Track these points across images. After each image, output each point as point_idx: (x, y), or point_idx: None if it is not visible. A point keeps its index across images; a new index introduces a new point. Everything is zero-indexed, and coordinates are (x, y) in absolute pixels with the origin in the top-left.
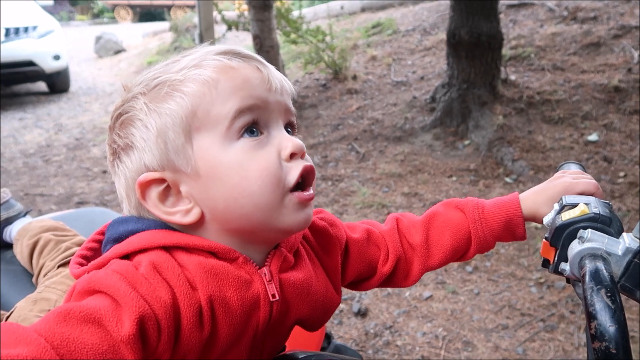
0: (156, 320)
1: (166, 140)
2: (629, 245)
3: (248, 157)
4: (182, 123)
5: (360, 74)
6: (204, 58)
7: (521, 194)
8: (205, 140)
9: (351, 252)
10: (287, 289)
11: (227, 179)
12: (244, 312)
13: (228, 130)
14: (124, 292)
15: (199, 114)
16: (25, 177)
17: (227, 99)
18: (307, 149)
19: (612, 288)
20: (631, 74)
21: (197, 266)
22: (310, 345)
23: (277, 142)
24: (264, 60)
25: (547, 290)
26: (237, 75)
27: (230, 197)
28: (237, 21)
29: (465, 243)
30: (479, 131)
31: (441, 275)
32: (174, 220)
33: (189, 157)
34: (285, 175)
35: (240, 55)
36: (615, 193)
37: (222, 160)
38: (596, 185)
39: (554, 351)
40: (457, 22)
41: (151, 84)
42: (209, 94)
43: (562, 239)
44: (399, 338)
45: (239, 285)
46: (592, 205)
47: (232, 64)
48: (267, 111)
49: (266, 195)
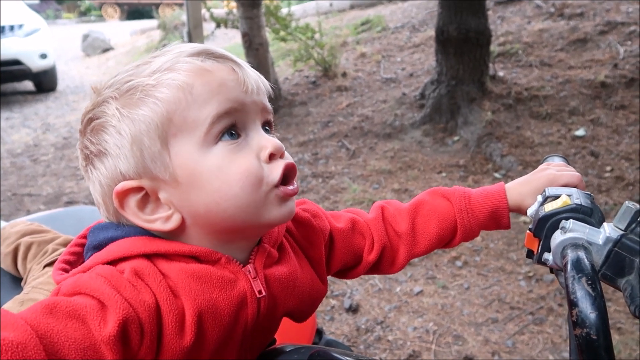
0: (139, 323)
1: (141, 148)
2: (610, 234)
3: (227, 161)
4: (157, 129)
5: (349, 71)
6: (176, 60)
7: (506, 185)
8: (182, 146)
9: (336, 242)
10: (273, 284)
11: (208, 184)
12: (232, 312)
13: (206, 136)
14: (108, 294)
15: (175, 120)
16: (13, 177)
17: (204, 104)
18: (298, 147)
19: (592, 276)
20: (617, 69)
21: (178, 273)
22: (301, 339)
23: (256, 144)
24: (237, 59)
25: (536, 284)
26: (212, 79)
27: (211, 202)
28: (226, 19)
29: (450, 231)
30: (468, 127)
31: (431, 271)
32: (154, 227)
33: (166, 164)
34: (268, 175)
35: (214, 56)
36: (602, 187)
37: (201, 166)
38: (579, 178)
39: (542, 343)
40: (445, 19)
41: (123, 88)
42: (184, 100)
43: (545, 229)
44: (390, 333)
45: (223, 285)
46: (574, 197)
47: (206, 67)
48: (244, 113)
49: (248, 195)
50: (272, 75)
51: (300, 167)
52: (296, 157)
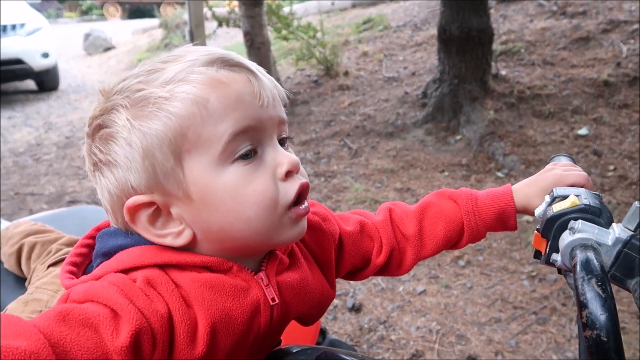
0: (152, 334)
1: (153, 162)
2: (619, 235)
3: (243, 182)
4: (170, 145)
5: (351, 70)
6: (190, 70)
7: (513, 186)
8: (197, 163)
9: (345, 245)
10: (285, 290)
11: (222, 205)
12: (246, 320)
13: (222, 154)
14: (121, 304)
15: (189, 136)
16: (15, 176)
17: (220, 121)
18: (300, 146)
19: (602, 277)
20: (620, 68)
21: (191, 282)
22: (306, 339)
23: (272, 161)
24: (253, 66)
25: (539, 284)
26: (228, 93)
27: (225, 222)
28: (228, 18)
29: (457, 233)
30: (470, 126)
31: (434, 270)
32: (165, 243)
33: (179, 181)
34: (282, 196)
35: (229, 64)
36: (605, 186)
37: (215, 185)
38: (586, 177)
39: (546, 343)
40: (447, 18)
41: (134, 97)
42: (199, 115)
43: (553, 230)
44: (393, 332)
45: (236, 294)
46: (583, 197)
47: (221, 78)
48: (261, 130)
49: (262, 219)
50: (274, 74)
51: (302, 166)
52: (298, 156)
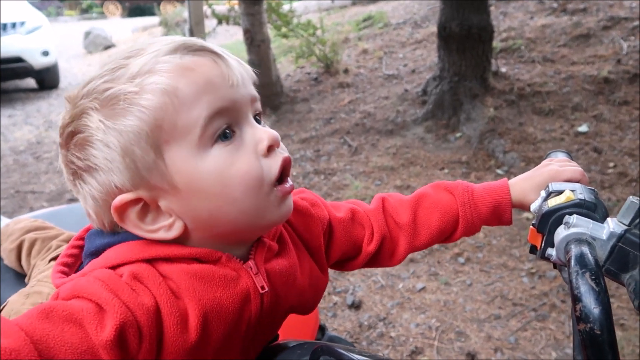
0: (138, 327)
1: (134, 159)
2: (613, 229)
3: (226, 164)
4: (148, 138)
5: (351, 68)
6: (155, 61)
7: (509, 181)
8: (177, 153)
9: (335, 232)
10: (275, 278)
11: (208, 189)
12: (236, 309)
13: (200, 139)
14: (105, 298)
15: (165, 126)
16: (15, 174)
17: (193, 107)
18: (300, 143)
19: (596, 271)
20: (620, 65)
21: (180, 274)
22: (305, 336)
23: (251, 138)
24: (217, 48)
25: (539, 280)
26: (197, 78)
27: (213, 207)
28: (228, 15)
29: (452, 225)
30: (470, 123)
31: (434, 267)
32: (157, 237)
33: (163, 173)
34: (267, 172)
35: (192, 49)
36: (605, 183)
37: (199, 171)
38: (582, 173)
39: (545, 340)
40: (447, 15)
41: (103, 98)
42: (172, 104)
43: (548, 224)
44: (392, 329)
45: (226, 283)
46: (578, 192)
47: (188, 64)
48: (235, 109)
49: (250, 199)
50: (274, 72)
51: (302, 163)
52: (298, 153)
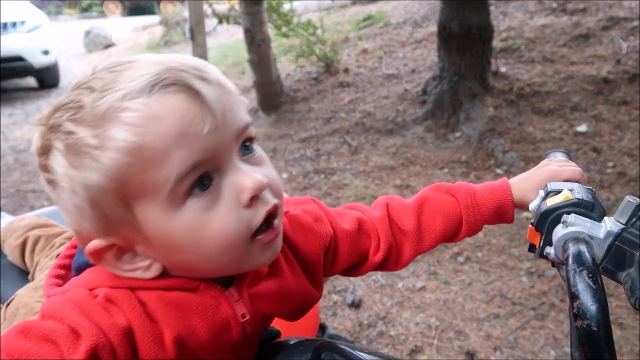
0: (111, 348)
1: (104, 211)
2: (611, 228)
3: (200, 223)
4: (115, 194)
5: (351, 67)
6: (120, 107)
7: (509, 180)
8: (147, 209)
9: (341, 245)
10: (260, 301)
11: (182, 247)
12: (213, 336)
13: (170, 198)
14: (77, 321)
15: (132, 184)
16: (16, 173)
17: (161, 165)
18: (299, 143)
19: (593, 269)
20: (620, 65)
21: (156, 301)
22: (305, 334)
23: (232, 187)
24: (197, 78)
25: (538, 280)
26: (166, 130)
27: (189, 261)
28: (228, 15)
29: (455, 227)
30: (470, 123)
31: (433, 266)
32: (135, 276)
33: (134, 226)
34: (247, 226)
35: (165, 84)
36: (604, 183)
37: (171, 229)
38: (581, 173)
39: (544, 339)
40: (447, 15)
41: (67, 142)
42: (137, 163)
43: (547, 223)
44: (392, 328)
45: (203, 311)
46: (576, 191)
47: (156, 111)
48: (213, 157)
49: (227, 255)
50: (274, 71)
51: (302, 163)
52: (298, 153)
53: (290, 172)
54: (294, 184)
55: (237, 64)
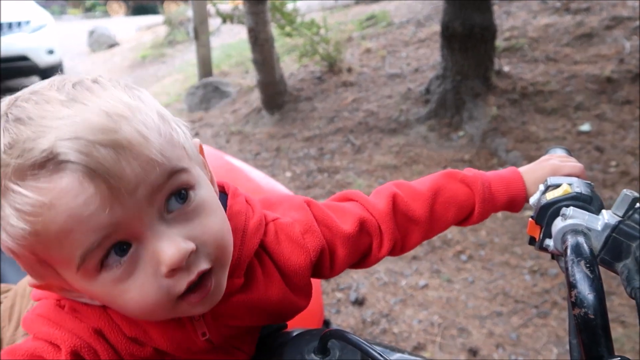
0: (90, 347)
1: (29, 265)
2: (608, 221)
3: (117, 292)
4: (32, 259)
5: (355, 67)
6: (9, 185)
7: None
8: (67, 274)
9: (340, 248)
10: (224, 318)
11: (108, 303)
12: (176, 348)
13: (82, 272)
14: (52, 334)
15: (43, 257)
16: None
17: (61, 246)
18: (303, 142)
19: (591, 260)
20: (623, 64)
21: (117, 315)
22: (311, 325)
23: (151, 255)
24: (101, 142)
25: (540, 278)
26: (58, 218)
27: (121, 310)
28: (232, 14)
29: (465, 216)
30: (473, 122)
31: (436, 265)
32: (84, 301)
33: (62, 280)
34: (166, 293)
35: (60, 160)
36: (607, 182)
37: (93, 292)
38: (580, 168)
39: (547, 336)
40: (450, 14)
41: None
42: (37, 244)
43: (546, 217)
44: (395, 326)
45: (164, 329)
46: (575, 185)
47: (43, 200)
48: (123, 227)
49: (151, 313)
50: (278, 71)
51: (305, 162)
52: (302, 152)
53: (294, 171)
54: (297, 182)
55: (241, 64)
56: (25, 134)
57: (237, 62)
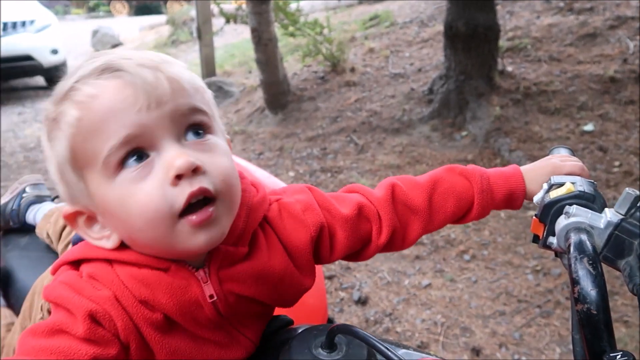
0: (106, 312)
1: (66, 179)
2: (611, 219)
3: (128, 193)
4: (69, 162)
5: (358, 66)
6: (71, 86)
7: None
8: (93, 178)
9: (338, 231)
10: (230, 283)
11: (117, 216)
12: (184, 313)
13: (104, 168)
14: (69, 298)
15: (78, 153)
16: (26, 170)
17: (96, 136)
18: (306, 142)
19: (594, 257)
20: (627, 64)
21: (129, 277)
22: (315, 322)
23: (163, 163)
24: (138, 66)
25: (543, 278)
26: (101, 107)
27: (125, 232)
28: (235, 14)
29: (465, 209)
30: (476, 122)
31: (439, 264)
32: (100, 245)
33: (86, 194)
34: (169, 205)
35: (109, 71)
36: (611, 182)
37: (108, 197)
38: (582, 167)
39: (549, 336)
40: (454, 14)
41: (44, 118)
42: (78, 134)
43: (550, 215)
44: (398, 325)
45: (172, 291)
46: (578, 184)
47: (94, 92)
48: (147, 133)
49: (152, 230)
50: (281, 71)
51: (308, 161)
52: (305, 151)
53: (297, 171)
54: (300, 182)
55: (244, 63)
56: (91, 60)
57: (241, 61)
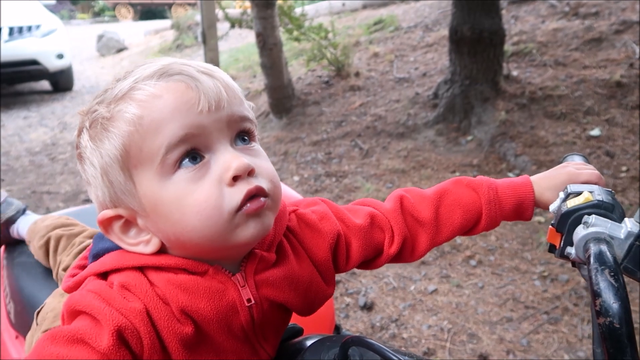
0: (134, 329)
1: (111, 180)
2: (631, 229)
3: (185, 192)
4: (119, 162)
5: (362, 71)
6: (131, 87)
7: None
8: (144, 177)
9: (353, 240)
10: (266, 289)
11: (170, 216)
12: (220, 319)
13: (161, 166)
14: (98, 308)
15: (132, 152)
16: (31, 175)
17: (156, 134)
18: (311, 146)
19: (615, 268)
20: (633, 69)
21: (166, 284)
22: (322, 332)
23: (220, 166)
24: (196, 71)
25: (551, 284)
26: (162, 106)
27: (177, 232)
28: (240, 19)
29: (474, 221)
30: (482, 127)
31: (446, 270)
32: (137, 250)
33: (134, 195)
34: (227, 202)
35: (169, 74)
36: (618, 187)
37: (161, 197)
38: (599, 176)
39: (557, 343)
40: (459, 19)
41: (90, 119)
42: (137, 132)
43: (567, 224)
44: (404, 331)
45: (211, 295)
46: (596, 193)
47: (157, 92)
48: (205, 135)
49: (209, 227)
50: (286, 75)
51: (313, 166)
52: (309, 156)
53: (302, 175)
54: (305, 186)
55: (249, 68)
56: (146, 64)
57: (245, 66)
